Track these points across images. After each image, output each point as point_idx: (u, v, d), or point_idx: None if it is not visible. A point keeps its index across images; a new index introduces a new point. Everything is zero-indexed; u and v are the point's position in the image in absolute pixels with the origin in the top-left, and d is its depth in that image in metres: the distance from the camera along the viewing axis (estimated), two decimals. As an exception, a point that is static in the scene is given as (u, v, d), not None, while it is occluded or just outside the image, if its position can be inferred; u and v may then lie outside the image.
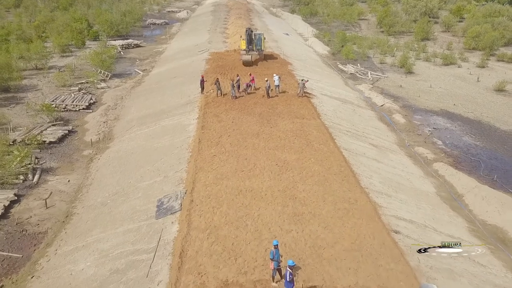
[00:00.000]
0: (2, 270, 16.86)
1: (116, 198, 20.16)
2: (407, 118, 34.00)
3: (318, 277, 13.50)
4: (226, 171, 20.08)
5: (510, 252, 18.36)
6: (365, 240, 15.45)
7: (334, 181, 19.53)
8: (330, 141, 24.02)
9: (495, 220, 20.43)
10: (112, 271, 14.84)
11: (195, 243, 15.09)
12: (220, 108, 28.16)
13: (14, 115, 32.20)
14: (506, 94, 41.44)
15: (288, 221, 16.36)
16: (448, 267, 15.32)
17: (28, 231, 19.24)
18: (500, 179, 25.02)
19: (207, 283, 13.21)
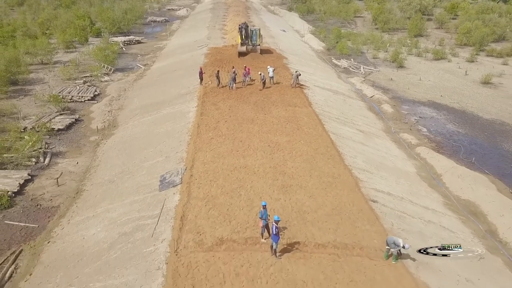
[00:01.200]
0: (20, 238, 18.77)
1: (122, 176, 22.08)
2: (395, 108, 35.91)
3: (302, 235, 15.44)
4: (222, 151, 22.00)
5: (479, 222, 20.28)
6: (345, 207, 17.39)
7: (320, 160, 21.46)
8: (319, 126, 25.94)
9: (468, 195, 22.35)
10: (120, 234, 16.78)
11: (194, 209, 17.03)
12: (218, 97, 30.07)
13: (23, 105, 34.07)
14: (491, 86, 43.33)
15: (277, 191, 18.29)
16: (419, 231, 17.27)
17: (42, 206, 21.16)
18: (478, 161, 26.94)
19: (204, 240, 15.14)
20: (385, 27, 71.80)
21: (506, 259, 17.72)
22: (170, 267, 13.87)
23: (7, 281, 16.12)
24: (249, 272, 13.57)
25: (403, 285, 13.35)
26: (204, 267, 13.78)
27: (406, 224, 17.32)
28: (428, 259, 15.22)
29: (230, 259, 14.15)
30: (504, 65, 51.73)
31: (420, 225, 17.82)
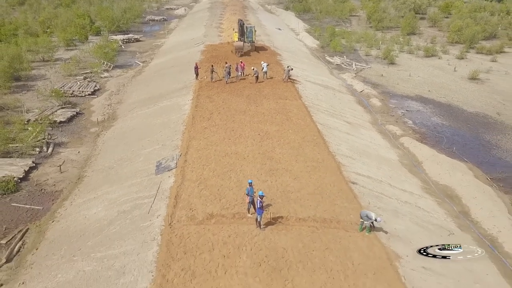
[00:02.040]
0: (26, 218, 20.23)
1: (121, 162, 23.55)
2: (383, 102, 37.40)
3: (285, 211, 16.93)
4: (215, 139, 23.48)
5: (454, 204, 21.77)
6: (326, 187, 18.88)
7: (306, 147, 22.95)
8: (308, 117, 27.43)
9: (446, 181, 23.85)
10: (119, 212, 18.25)
11: (187, 189, 18.50)
12: (212, 91, 31.54)
13: (26, 100, 35.49)
14: (478, 82, 44.84)
15: (264, 174, 19.77)
16: (394, 209, 18.78)
17: (46, 190, 22.64)
18: (458, 150, 28.44)
19: (196, 215, 16.62)
20: (379, 26, 73.29)
21: (476, 235, 19.22)
22: (165, 238, 15.35)
23: (15, 255, 17.57)
24: (236, 241, 15.05)
25: (374, 252, 14.83)
26: (195, 237, 15.26)
27: (382, 203, 18.81)
28: (400, 233, 16.73)
29: (219, 230, 15.64)
30: (492, 62, 53.24)
31: (396, 204, 19.30)
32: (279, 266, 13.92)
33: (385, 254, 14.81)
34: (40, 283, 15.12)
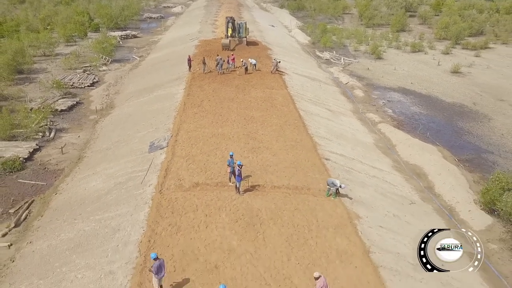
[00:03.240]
0: (32, 192, 22.36)
1: (117, 144, 25.71)
2: (366, 93, 39.59)
3: (262, 181, 19.10)
4: (204, 123, 25.64)
5: (420, 180, 23.97)
6: (301, 162, 21.05)
7: (287, 129, 25.12)
8: (291, 104, 29.59)
9: (415, 161, 26.05)
10: (116, 183, 20.41)
11: (177, 164, 20.67)
12: (204, 81, 33.68)
13: (28, 91, 37.61)
14: (460, 75, 47.03)
15: (247, 152, 21.93)
16: (361, 181, 20.97)
17: (49, 169, 24.80)
18: (432, 135, 30.65)
19: (183, 184, 18.79)
20: (370, 23, 75.49)
21: (436, 206, 21.44)
22: (155, 202, 17.52)
23: (23, 221, 19.72)
24: (217, 203, 17.23)
25: (337, 212, 17.02)
26: (181, 201, 17.43)
27: (351, 176, 21.00)
28: (364, 200, 18.92)
29: (203, 195, 17.82)
30: (476, 57, 55.45)
31: (364, 178, 21.49)
32: (253, 222, 16.10)
33: (346, 214, 16.99)
34: (46, 241, 17.27)
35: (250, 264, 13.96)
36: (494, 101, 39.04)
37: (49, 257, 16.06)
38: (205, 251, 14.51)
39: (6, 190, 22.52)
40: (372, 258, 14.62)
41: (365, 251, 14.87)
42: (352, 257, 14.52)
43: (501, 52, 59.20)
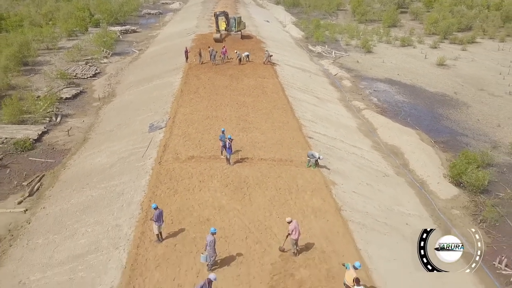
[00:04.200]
0: (42, 168, 24.56)
1: (120, 126, 27.93)
2: (354, 84, 41.86)
3: (251, 154, 21.37)
4: (199, 107, 27.88)
5: (397, 158, 26.27)
6: (287, 140, 23.33)
7: (276, 112, 27.39)
8: (281, 92, 31.84)
9: (393, 142, 28.34)
10: (119, 158, 22.66)
11: (174, 141, 22.91)
12: (200, 71, 35.89)
13: (34, 81, 39.74)
14: (445, 67, 49.31)
15: (238, 131, 24.16)
16: (340, 156, 23.26)
17: (57, 149, 27.01)
18: (412, 121, 32.94)
19: (180, 157, 21.05)
20: (362, 19, 77.71)
21: (409, 179, 23.74)
22: (155, 171, 19.78)
23: (35, 192, 21.94)
24: (210, 172, 19.50)
25: (315, 180, 19.31)
26: (178, 170, 19.70)
27: (331, 152, 23.28)
28: (340, 171, 21.20)
29: (197, 166, 20.09)
30: (462, 51, 57.77)
31: (343, 154, 23.79)
32: (241, 186, 18.38)
33: (323, 181, 19.28)
34: (58, 206, 19.52)
35: (237, 217, 16.25)
36: (474, 90, 41.34)
37: (61, 218, 18.32)
38: (198, 208, 16.79)
39: (19, 166, 24.74)
40: (342, 215, 16.92)
41: (337, 209, 17.17)
42: (325, 214, 16.81)
43: (487, 47, 61.49)
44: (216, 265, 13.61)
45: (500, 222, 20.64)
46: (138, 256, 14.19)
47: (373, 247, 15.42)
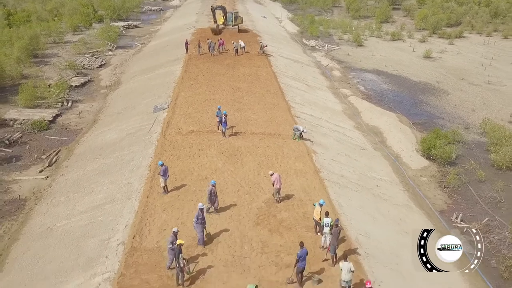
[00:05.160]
0: (58, 145, 27.46)
1: (126, 109, 30.86)
2: (343, 74, 44.78)
3: (244, 129, 24.32)
4: (199, 91, 30.80)
5: (376, 136, 29.21)
6: (276, 118, 26.26)
7: (268, 96, 30.32)
8: (274, 79, 34.77)
9: (374, 123, 31.28)
10: (127, 134, 25.59)
11: (176, 119, 25.84)
12: (199, 61, 38.80)
13: (45, 71, 42.61)
14: (430, 59, 52.22)
15: (233, 111, 27.06)
16: (324, 133, 26.20)
17: (70, 129, 29.93)
18: (395, 106, 35.85)
19: (182, 131, 23.99)
20: (356, 15, 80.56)
21: (385, 153, 26.69)
22: (160, 142, 22.71)
23: (54, 163, 24.86)
24: (207, 142, 22.44)
25: (299, 149, 22.24)
26: (180, 141, 22.64)
27: (316, 129, 26.24)
28: (322, 144, 24.15)
29: (197, 138, 23.03)
30: (449, 44, 60.68)
31: (326, 131, 26.74)
32: (234, 153, 21.33)
33: (306, 150, 22.23)
34: (75, 172, 22.46)
35: (231, 176, 19.21)
36: (456, 80, 44.27)
37: (79, 181, 21.28)
38: (198, 169, 19.76)
39: (37, 143, 27.65)
40: (320, 175, 19.87)
41: (315, 171, 20.14)
42: (306, 174, 19.77)
43: (474, 41, 64.41)
44: (214, 211, 16.51)
45: (462, 188, 23.60)
46: (148, 203, 17.15)
47: (344, 198, 18.39)
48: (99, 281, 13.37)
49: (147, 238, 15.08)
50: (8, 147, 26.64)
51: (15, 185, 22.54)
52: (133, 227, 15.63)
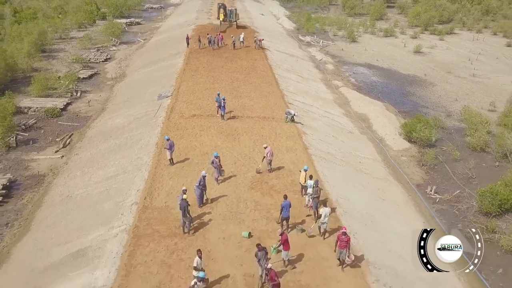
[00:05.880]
0: (70, 130, 29.89)
1: (132, 98, 33.29)
2: (336, 67, 47.23)
3: (240, 114, 26.77)
4: (199, 81, 33.23)
5: (363, 122, 31.66)
6: (270, 104, 28.71)
7: (264, 85, 32.77)
8: (269, 70, 37.20)
9: (362, 111, 33.74)
10: (134, 118, 28.03)
11: (179, 105, 28.28)
12: (199, 55, 41.21)
13: (53, 65, 45.00)
14: (420, 54, 54.66)
15: (231, 98, 29.45)
16: (314, 117, 28.65)
17: (80, 116, 32.37)
18: (383, 96, 38.28)
19: (184, 115, 26.43)
20: (352, 12, 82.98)
21: (370, 137, 29.15)
22: (165, 124, 25.15)
23: (67, 145, 27.30)
24: (208, 124, 24.90)
25: (290, 130, 24.70)
26: (183, 124, 25.08)
27: (307, 114, 28.69)
28: (312, 126, 26.61)
29: (198, 120, 25.49)
30: (440, 40, 63.10)
31: (316, 116, 29.20)
32: (232, 133, 23.79)
33: (296, 131, 24.68)
34: (88, 152, 24.91)
35: (229, 152, 21.66)
36: (443, 73, 46.73)
37: (93, 158, 23.74)
38: (199, 146, 22.22)
39: (50, 128, 30.07)
40: (308, 151, 22.33)
41: (304, 148, 22.60)
42: (295, 150, 22.24)
43: (464, 37, 66.87)
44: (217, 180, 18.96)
45: (439, 166, 26.08)
46: (156, 173, 19.60)
47: (328, 170, 20.86)
48: (117, 232, 15.81)
49: (157, 199, 17.55)
50: (25, 131, 29.08)
51: (33, 163, 25.01)
52: (144, 191, 18.09)
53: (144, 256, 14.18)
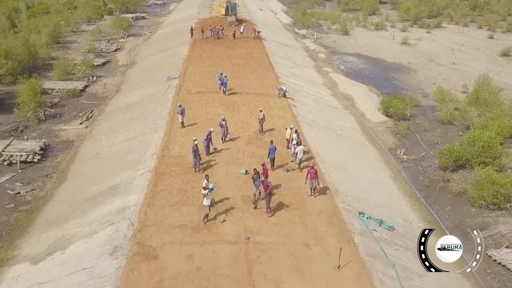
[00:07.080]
0: (90, 107, 34.16)
1: (144, 80, 37.55)
2: (328, 56, 51.46)
3: (240, 90, 31.04)
4: (203, 65, 37.48)
5: (348, 100, 35.93)
6: (266, 85, 32.95)
7: (260, 69, 37.03)
8: (266, 57, 41.45)
9: (347, 91, 38.00)
10: (148, 96, 32.30)
11: (186, 84, 32.55)
12: (202, 44, 45.46)
13: (69, 53, 49.21)
14: (407, 45, 58.83)
15: (231, 79, 33.62)
16: (304, 96, 32.91)
17: (98, 96, 36.66)
18: (368, 81, 42.54)
19: (191, 92, 30.70)
20: (346, 8, 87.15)
21: (353, 112, 33.42)
22: (175, 98, 29.42)
23: (90, 118, 31.58)
24: (212, 99, 29.17)
25: (282, 103, 28.97)
26: (190, 98, 29.35)
27: (297, 93, 32.95)
28: (301, 101, 30.89)
29: (203, 96, 29.77)
30: (427, 33, 67.24)
31: (306, 94, 33.47)
32: (233, 105, 28.08)
33: (287, 104, 28.95)
34: (109, 122, 29.19)
35: (230, 118, 25.91)
36: (425, 61, 50.95)
37: (114, 126, 28.03)
38: (205, 114, 26.50)
39: (73, 106, 34.34)
40: (297, 119, 26.60)
41: (293, 116, 26.88)
42: (285, 118, 26.50)
43: (450, 30, 71.01)
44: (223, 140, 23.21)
45: (410, 135, 30.35)
46: (170, 133, 23.89)
47: (312, 132, 25.15)
48: (142, 172, 20.12)
49: (172, 150, 21.87)
50: (51, 108, 33.36)
51: (62, 132, 29.32)
52: (161, 145, 22.39)
53: (165, 185, 18.49)
